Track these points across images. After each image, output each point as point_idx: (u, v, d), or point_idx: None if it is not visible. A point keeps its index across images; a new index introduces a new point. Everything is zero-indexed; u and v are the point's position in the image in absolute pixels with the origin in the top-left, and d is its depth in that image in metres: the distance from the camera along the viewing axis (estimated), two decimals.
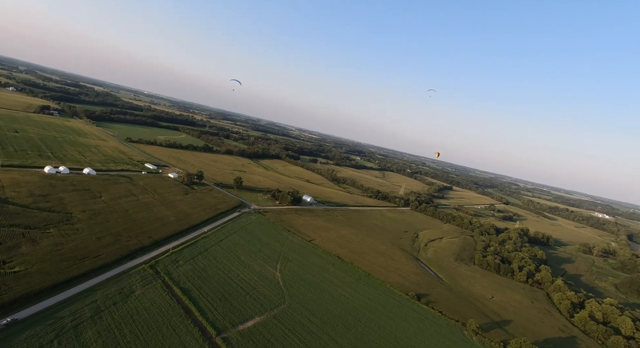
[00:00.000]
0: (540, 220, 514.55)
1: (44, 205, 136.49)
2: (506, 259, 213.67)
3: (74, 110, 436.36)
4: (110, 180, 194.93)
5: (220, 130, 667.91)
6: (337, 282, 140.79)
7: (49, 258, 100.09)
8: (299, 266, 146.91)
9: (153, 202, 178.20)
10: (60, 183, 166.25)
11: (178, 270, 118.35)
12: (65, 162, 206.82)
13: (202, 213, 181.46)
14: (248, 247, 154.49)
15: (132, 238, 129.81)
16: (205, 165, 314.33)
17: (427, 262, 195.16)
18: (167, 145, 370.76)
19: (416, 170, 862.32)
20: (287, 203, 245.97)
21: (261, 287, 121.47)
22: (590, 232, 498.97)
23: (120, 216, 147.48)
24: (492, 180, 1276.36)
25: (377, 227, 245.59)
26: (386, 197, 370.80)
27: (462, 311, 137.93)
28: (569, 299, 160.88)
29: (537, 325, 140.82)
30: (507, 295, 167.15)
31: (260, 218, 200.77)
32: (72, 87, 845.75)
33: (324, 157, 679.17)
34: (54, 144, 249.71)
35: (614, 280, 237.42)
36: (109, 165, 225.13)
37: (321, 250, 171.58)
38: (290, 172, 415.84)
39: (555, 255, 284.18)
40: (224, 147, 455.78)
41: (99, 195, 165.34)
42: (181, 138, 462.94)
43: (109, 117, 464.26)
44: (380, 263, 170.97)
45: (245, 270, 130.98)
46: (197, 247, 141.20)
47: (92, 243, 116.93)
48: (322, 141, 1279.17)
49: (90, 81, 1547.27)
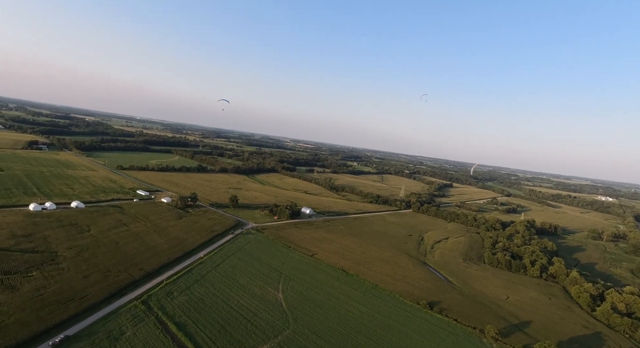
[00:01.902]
0: (545, 209, 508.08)
1: (26, 246, 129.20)
2: (516, 254, 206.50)
3: (63, 143, 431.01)
4: (100, 211, 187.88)
5: (214, 149, 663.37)
6: (343, 297, 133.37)
7: (30, 305, 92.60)
8: (302, 284, 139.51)
9: (145, 231, 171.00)
10: (45, 221, 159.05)
11: (173, 303, 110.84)
12: (52, 197, 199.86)
13: (197, 238, 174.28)
14: (247, 269, 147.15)
15: (122, 273, 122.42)
16: (200, 186, 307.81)
17: (435, 265, 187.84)
18: (160, 169, 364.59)
19: (414, 171, 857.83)
20: (286, 217, 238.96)
21: (263, 312, 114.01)
22: (596, 216, 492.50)
23: (109, 250, 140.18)
24: (491, 173, 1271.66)
25: (380, 233, 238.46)
26: (387, 201, 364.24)
27: (477, 316, 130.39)
28: (587, 292, 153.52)
29: (559, 323, 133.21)
30: (523, 294, 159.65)
31: (258, 236, 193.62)
32: (63, 119, 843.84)
33: (320, 166, 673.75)
34: (40, 179, 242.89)
35: (629, 265, 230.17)
36: (99, 196, 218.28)
37: (324, 264, 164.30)
38: (287, 184, 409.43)
39: (565, 244, 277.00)
40: (218, 165, 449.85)
41: (87, 229, 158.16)
42: (174, 160, 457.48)
43: (99, 146, 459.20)
44: (386, 272, 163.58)
45: (245, 295, 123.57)
46: (192, 275, 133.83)
47: (78, 283, 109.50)
48: (318, 150, 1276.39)
49: (81, 112, 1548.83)
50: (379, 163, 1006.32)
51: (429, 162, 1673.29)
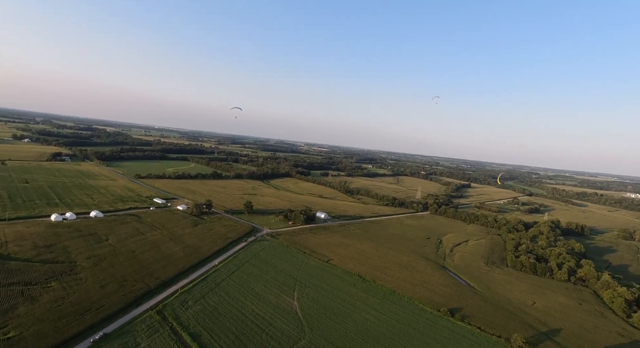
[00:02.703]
0: (570, 208, 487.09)
1: (47, 256, 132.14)
2: (541, 257, 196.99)
3: (85, 154, 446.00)
4: (118, 220, 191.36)
5: (229, 155, 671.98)
6: (360, 304, 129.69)
7: (48, 316, 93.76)
8: (318, 291, 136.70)
9: (161, 239, 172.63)
10: (65, 231, 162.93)
11: (187, 313, 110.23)
12: (72, 207, 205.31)
13: (212, 245, 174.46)
14: (262, 276, 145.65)
15: (138, 282, 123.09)
16: (215, 193, 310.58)
17: (455, 269, 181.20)
18: (176, 176, 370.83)
19: (430, 171, 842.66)
20: (301, 222, 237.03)
21: (278, 321, 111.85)
22: (626, 215, 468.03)
23: (126, 258, 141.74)
24: (510, 172, 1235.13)
25: (397, 236, 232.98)
26: (403, 203, 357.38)
27: (502, 324, 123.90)
28: (622, 296, 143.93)
29: (592, 331, 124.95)
30: (550, 299, 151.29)
31: (273, 242, 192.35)
32: (85, 131, 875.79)
33: (334, 169, 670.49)
34: (62, 190, 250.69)
35: None
36: (117, 205, 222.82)
37: (340, 270, 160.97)
38: (301, 189, 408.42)
39: (594, 245, 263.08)
40: (232, 171, 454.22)
41: (105, 239, 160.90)
42: (190, 168, 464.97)
43: (119, 155, 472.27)
44: (404, 278, 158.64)
45: (260, 304, 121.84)
46: (207, 283, 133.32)
47: (96, 293, 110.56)
48: (332, 153, 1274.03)
49: (103, 123, 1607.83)
50: (394, 165, 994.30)
51: (445, 162, 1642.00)
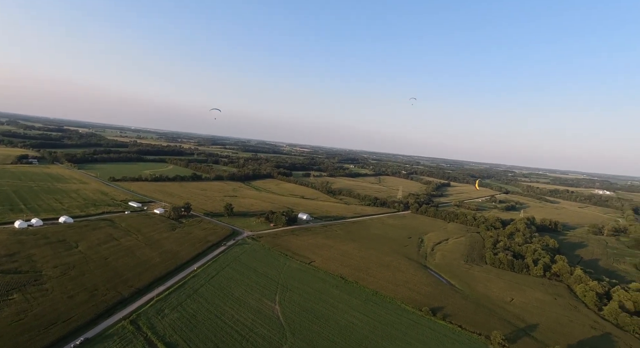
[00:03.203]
0: (543, 205, 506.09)
1: (8, 266, 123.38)
2: (518, 254, 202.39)
3: (55, 156, 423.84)
4: (89, 226, 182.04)
5: (209, 157, 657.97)
6: (343, 306, 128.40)
7: (7, 332, 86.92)
8: (300, 294, 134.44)
9: (136, 244, 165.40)
10: (31, 238, 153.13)
11: (163, 322, 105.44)
12: (39, 212, 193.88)
13: (191, 249, 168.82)
14: (243, 280, 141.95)
15: (111, 291, 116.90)
16: (194, 195, 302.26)
17: (437, 268, 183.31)
18: (153, 179, 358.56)
19: (411, 171, 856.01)
20: (282, 224, 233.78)
21: (259, 326, 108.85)
22: (595, 210, 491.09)
23: (98, 266, 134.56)
24: (487, 171, 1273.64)
25: (379, 236, 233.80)
26: (385, 202, 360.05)
27: (482, 321, 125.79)
28: (593, 290, 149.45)
29: (566, 325, 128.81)
30: (527, 295, 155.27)
31: (254, 245, 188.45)
32: (55, 132, 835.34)
33: (317, 169, 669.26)
34: (28, 194, 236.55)
35: (632, 260, 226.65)
36: (89, 210, 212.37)
37: (323, 272, 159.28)
38: (283, 190, 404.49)
39: (567, 241, 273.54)
40: (213, 173, 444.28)
41: (75, 246, 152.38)
42: (168, 170, 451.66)
43: (92, 158, 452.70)
44: (387, 278, 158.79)
45: (240, 309, 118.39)
46: (185, 290, 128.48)
47: (63, 304, 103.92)
48: (314, 154, 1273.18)
49: (75, 124, 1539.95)
50: (376, 164, 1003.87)
51: (426, 161, 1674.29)
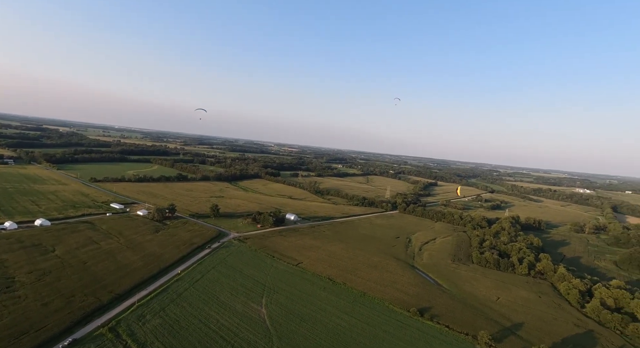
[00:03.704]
0: (527, 204, 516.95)
1: None
2: (504, 253, 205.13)
3: (32, 156, 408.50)
4: (68, 229, 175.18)
5: (195, 156, 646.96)
6: (330, 309, 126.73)
7: None
8: (287, 297, 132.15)
9: (117, 248, 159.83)
10: (3, 243, 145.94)
11: (144, 328, 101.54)
12: (13, 215, 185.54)
13: (175, 252, 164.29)
14: (228, 283, 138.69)
15: (89, 297, 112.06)
16: (179, 196, 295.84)
17: (424, 268, 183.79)
18: (137, 179, 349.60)
19: (399, 171, 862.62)
20: (270, 225, 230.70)
21: (245, 331, 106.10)
22: (577, 209, 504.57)
23: (75, 271, 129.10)
24: (473, 170, 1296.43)
25: (367, 237, 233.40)
26: (373, 202, 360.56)
27: (469, 321, 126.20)
28: (576, 288, 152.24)
29: (551, 323, 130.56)
30: (513, 293, 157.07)
31: (241, 247, 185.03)
32: (33, 131, 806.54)
33: (305, 169, 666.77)
34: (2, 196, 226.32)
35: (612, 257, 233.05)
36: (68, 212, 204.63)
37: (310, 274, 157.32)
38: (271, 190, 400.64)
39: (550, 239, 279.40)
40: (199, 173, 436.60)
41: (51, 250, 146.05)
42: (153, 170, 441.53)
43: (72, 158, 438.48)
44: (375, 279, 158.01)
45: (225, 313, 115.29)
46: (168, 294, 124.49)
47: (36, 312, 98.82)
48: (302, 153, 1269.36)
49: (56, 123, 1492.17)
50: (364, 164, 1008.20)
51: (413, 161, 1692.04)
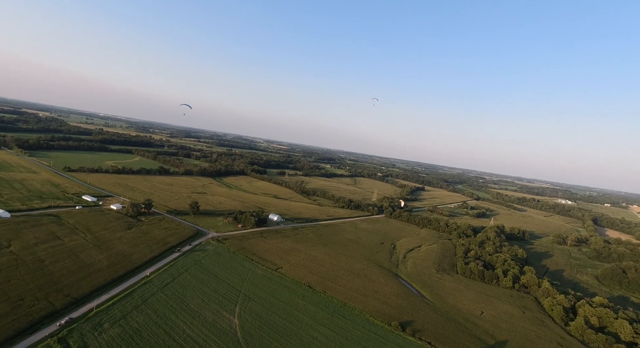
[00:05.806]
0: (512, 213, 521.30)
1: None
2: (489, 263, 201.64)
3: (3, 140, 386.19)
4: (29, 222, 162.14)
5: (180, 149, 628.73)
6: (308, 320, 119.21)
7: None
8: (263, 305, 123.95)
9: (82, 245, 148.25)
10: None
11: (100, 339, 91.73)
12: None
13: (147, 252, 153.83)
14: (201, 288, 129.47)
15: (41, 301, 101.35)
16: (158, 190, 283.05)
17: (408, 277, 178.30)
18: (115, 171, 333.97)
19: (387, 173, 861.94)
20: (251, 225, 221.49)
21: (212, 343, 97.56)
22: (559, 219, 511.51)
23: (30, 270, 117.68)
24: (460, 176, 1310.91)
25: (351, 241, 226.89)
26: (359, 205, 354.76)
27: (452, 337, 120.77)
28: (560, 304, 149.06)
29: (534, 342, 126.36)
30: (497, 308, 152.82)
31: (218, 248, 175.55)
32: (10, 114, 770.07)
33: (292, 168, 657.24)
34: None
35: (593, 272, 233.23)
36: (32, 203, 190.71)
37: (289, 280, 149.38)
38: (256, 188, 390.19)
39: (533, 250, 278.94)
40: (182, 167, 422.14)
41: (5, 245, 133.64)
42: (134, 161, 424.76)
43: (48, 144, 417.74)
44: (356, 288, 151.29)
45: (194, 323, 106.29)
46: (132, 299, 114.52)
47: None
48: (291, 151, 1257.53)
49: (36, 107, 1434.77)
50: (352, 165, 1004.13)
51: (401, 164, 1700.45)
